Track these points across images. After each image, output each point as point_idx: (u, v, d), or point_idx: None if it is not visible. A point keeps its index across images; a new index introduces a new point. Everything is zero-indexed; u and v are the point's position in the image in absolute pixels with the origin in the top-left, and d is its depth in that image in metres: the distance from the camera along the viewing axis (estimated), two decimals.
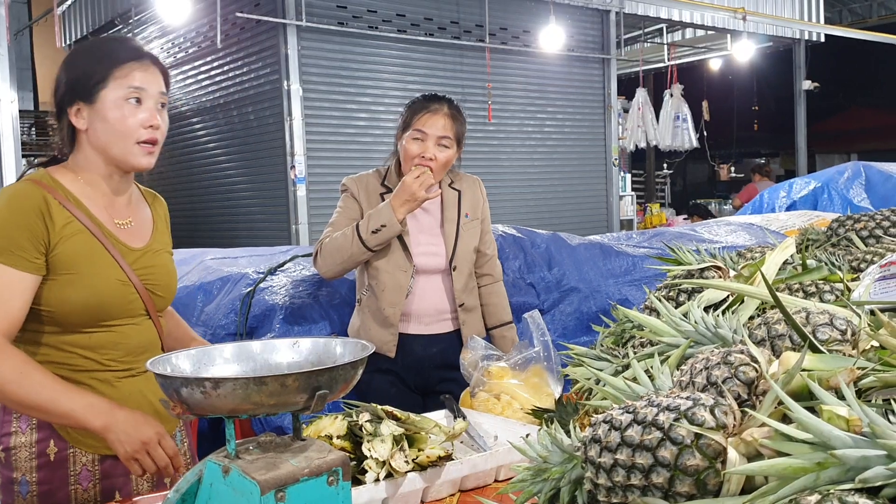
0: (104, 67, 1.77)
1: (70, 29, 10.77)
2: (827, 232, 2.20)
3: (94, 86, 1.77)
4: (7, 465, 1.80)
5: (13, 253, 1.69)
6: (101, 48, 1.85)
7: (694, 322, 1.30)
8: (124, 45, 1.86)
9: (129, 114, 1.77)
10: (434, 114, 2.65)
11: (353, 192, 2.74)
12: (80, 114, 1.79)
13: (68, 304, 1.75)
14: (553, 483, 1.10)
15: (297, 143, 7.39)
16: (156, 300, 1.90)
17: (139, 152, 1.80)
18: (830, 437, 0.79)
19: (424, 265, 2.70)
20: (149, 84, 1.80)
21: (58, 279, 1.74)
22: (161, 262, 1.94)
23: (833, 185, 5.84)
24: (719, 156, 16.33)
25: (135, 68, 1.79)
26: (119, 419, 1.71)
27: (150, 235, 1.94)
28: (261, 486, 1.08)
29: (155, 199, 2.07)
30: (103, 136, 1.79)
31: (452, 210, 2.76)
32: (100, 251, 1.79)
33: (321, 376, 1.14)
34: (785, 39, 12.44)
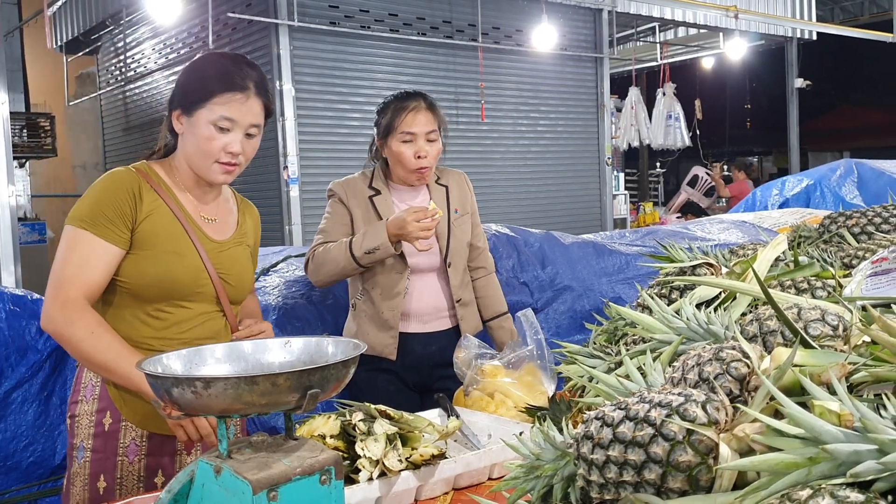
0: (209, 90, 1.92)
1: (61, 30, 10.73)
2: (819, 229, 2.20)
3: (194, 102, 1.93)
4: (71, 432, 1.97)
5: (103, 226, 1.87)
6: (217, 67, 1.97)
7: (686, 319, 1.30)
8: (238, 71, 1.96)
9: (214, 137, 1.93)
10: (416, 112, 2.66)
11: (340, 196, 2.73)
12: (180, 120, 1.98)
13: (145, 277, 1.91)
14: (546, 480, 1.10)
15: (289, 144, 7.38)
16: (228, 290, 2.03)
17: (217, 170, 1.97)
18: (822, 432, 0.79)
19: (419, 265, 2.69)
20: (242, 116, 1.94)
21: (139, 254, 1.91)
22: (238, 257, 2.09)
23: (825, 183, 5.86)
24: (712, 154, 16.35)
25: (234, 99, 1.93)
26: None
27: (233, 232, 2.11)
28: (253, 486, 1.07)
29: (247, 206, 2.26)
30: (190, 148, 1.97)
31: (442, 207, 2.75)
32: (181, 234, 1.95)
33: (313, 375, 1.13)
34: (777, 37, 12.47)
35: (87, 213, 1.87)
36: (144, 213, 1.91)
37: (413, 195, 2.77)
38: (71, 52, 11.07)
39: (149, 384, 1.15)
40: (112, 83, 10.35)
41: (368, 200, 2.70)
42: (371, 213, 2.69)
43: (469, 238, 2.81)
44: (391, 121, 2.67)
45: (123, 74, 10.07)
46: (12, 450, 2.70)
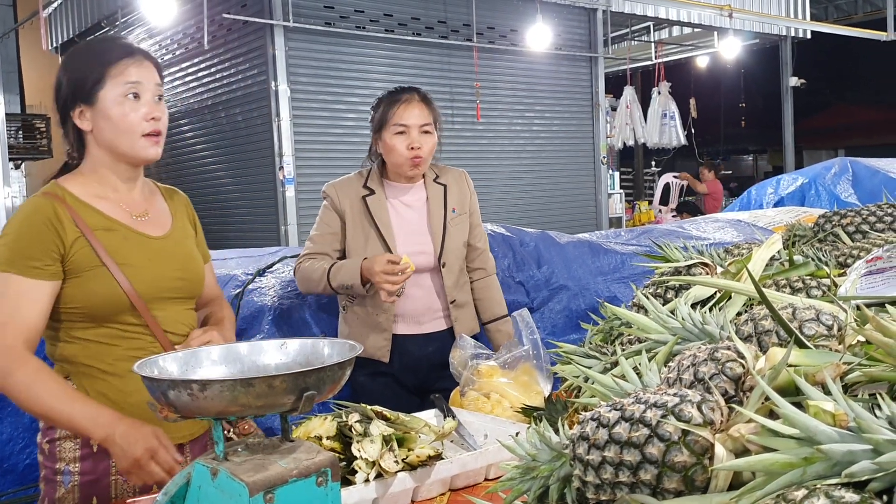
0: (99, 68, 1.83)
1: (56, 32, 10.71)
2: (814, 228, 2.20)
3: (92, 87, 1.83)
4: (51, 456, 1.86)
5: (29, 265, 1.77)
6: (93, 50, 1.91)
7: (681, 319, 1.30)
8: (116, 44, 1.92)
9: (129, 109, 1.84)
10: (409, 104, 2.63)
11: (332, 198, 2.71)
12: (84, 115, 1.86)
13: (95, 296, 1.82)
14: (542, 481, 1.10)
15: (285, 144, 7.37)
16: (182, 286, 1.96)
17: (145, 144, 1.87)
18: (817, 432, 0.79)
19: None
20: (144, 78, 1.86)
21: (82, 275, 1.82)
22: (185, 249, 2.01)
23: (820, 181, 5.87)
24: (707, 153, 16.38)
25: (129, 65, 1.85)
26: (117, 433, 1.74)
27: (170, 224, 2.01)
28: (249, 488, 1.07)
29: (173, 193, 2.13)
30: (109, 134, 1.85)
31: (438, 206, 2.72)
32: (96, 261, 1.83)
33: (309, 377, 1.13)
34: (771, 36, 12.50)
35: (7, 254, 1.77)
36: (71, 241, 1.81)
37: (409, 192, 2.72)
38: (66, 53, 11.03)
39: (146, 386, 1.15)
40: None
41: (361, 200, 2.67)
42: (364, 214, 2.66)
43: (465, 238, 2.76)
44: (384, 114, 2.65)
45: None
46: (8, 452, 2.70)
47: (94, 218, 1.85)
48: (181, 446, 1.94)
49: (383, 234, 2.63)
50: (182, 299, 1.97)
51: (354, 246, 2.66)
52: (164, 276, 1.91)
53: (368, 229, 2.65)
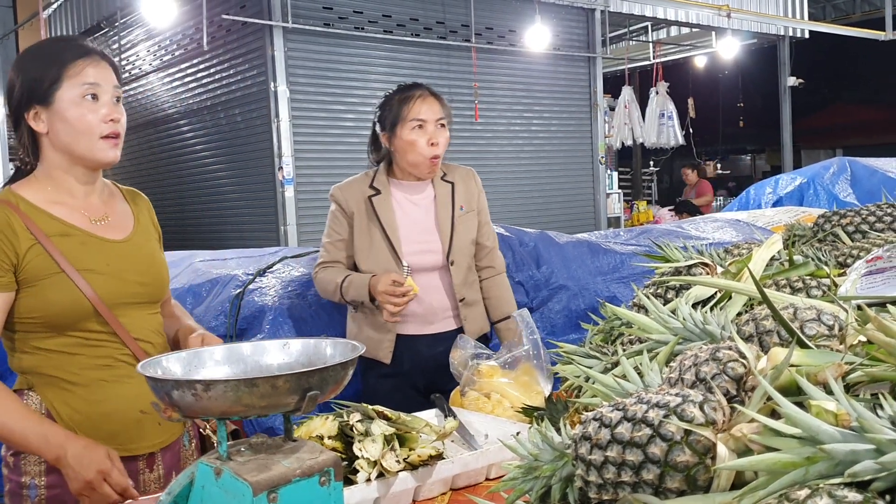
0: (56, 68, 1.77)
1: (56, 32, 10.70)
2: (813, 228, 2.21)
3: (48, 87, 1.77)
4: (16, 469, 1.81)
5: None
6: (49, 49, 1.84)
7: (682, 319, 1.30)
8: (72, 44, 1.85)
9: (87, 111, 1.78)
10: (423, 99, 2.61)
11: (339, 202, 2.69)
12: (39, 117, 1.79)
13: (56, 305, 1.76)
14: (544, 481, 1.11)
15: (284, 145, 7.37)
16: (145, 290, 1.89)
17: (104, 147, 1.81)
18: (819, 431, 0.80)
19: (418, 263, 2.64)
20: (102, 79, 1.80)
21: (38, 284, 1.76)
22: (147, 253, 1.94)
23: (819, 181, 5.87)
24: (705, 153, 16.40)
25: (87, 65, 1.79)
26: (69, 453, 1.71)
27: (132, 227, 1.94)
28: (253, 488, 1.08)
29: (135, 195, 2.06)
30: (66, 136, 1.79)
31: (446, 204, 2.71)
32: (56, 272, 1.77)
33: (312, 377, 1.14)
34: (769, 36, 12.51)
35: None
36: (25, 249, 1.75)
37: (417, 190, 2.71)
38: None
39: (149, 387, 1.15)
40: None
41: (367, 200, 2.66)
42: (370, 215, 2.65)
43: (474, 236, 2.75)
44: (398, 110, 2.60)
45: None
46: None
47: (50, 224, 1.79)
48: (152, 455, 1.91)
49: (388, 235, 2.62)
50: (146, 304, 1.91)
51: (360, 247, 2.66)
52: (125, 280, 1.85)
53: (375, 230, 2.64)
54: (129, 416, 1.84)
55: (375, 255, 2.63)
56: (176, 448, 1.98)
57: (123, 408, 1.84)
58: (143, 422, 1.86)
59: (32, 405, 1.81)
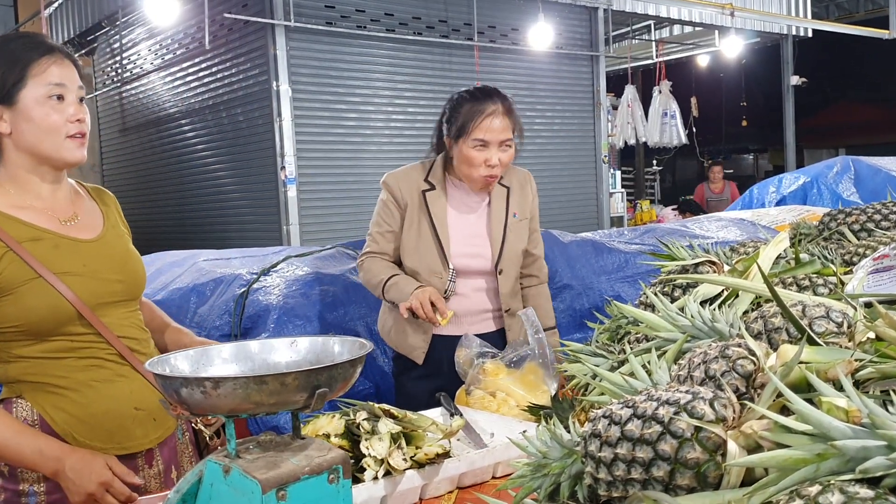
0: (20, 67, 1.73)
1: (57, 31, 10.71)
2: (819, 226, 2.21)
3: (11, 87, 1.73)
4: (12, 478, 1.79)
5: None
6: (11, 47, 1.77)
7: (690, 316, 1.30)
8: (35, 41, 1.79)
9: (53, 110, 1.74)
10: (493, 117, 2.48)
11: (394, 191, 2.58)
12: (1, 117, 1.75)
13: (35, 311, 1.73)
14: (553, 478, 1.11)
15: (286, 144, 7.38)
16: (121, 288, 1.87)
17: (71, 146, 1.78)
18: (830, 428, 0.80)
19: (465, 266, 2.58)
20: (68, 79, 1.77)
21: (15, 292, 1.72)
22: (121, 250, 1.91)
23: (822, 180, 5.87)
24: (708, 152, 16.38)
25: (51, 63, 1.75)
26: (66, 467, 1.69)
27: (102, 226, 1.91)
28: (262, 485, 1.08)
29: (101, 193, 2.02)
30: (31, 136, 1.75)
31: (500, 209, 2.61)
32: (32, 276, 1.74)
33: (321, 375, 1.14)
34: (773, 35, 12.49)
35: None
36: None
37: (469, 201, 2.63)
38: None
39: (158, 384, 1.15)
40: (108, 84, 10.33)
41: (421, 195, 2.56)
42: (422, 209, 2.56)
43: (524, 245, 2.65)
44: (465, 122, 2.49)
45: (120, 76, 10.07)
46: None
47: (19, 229, 1.74)
48: (150, 451, 1.91)
49: (439, 234, 2.54)
50: (125, 301, 1.89)
51: (407, 242, 2.57)
52: (103, 280, 1.82)
53: (424, 227, 2.56)
54: (124, 415, 1.83)
55: (422, 253, 2.55)
56: (172, 443, 1.97)
57: (117, 407, 1.83)
58: (139, 419, 1.85)
59: (24, 413, 1.78)
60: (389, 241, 2.59)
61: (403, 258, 2.59)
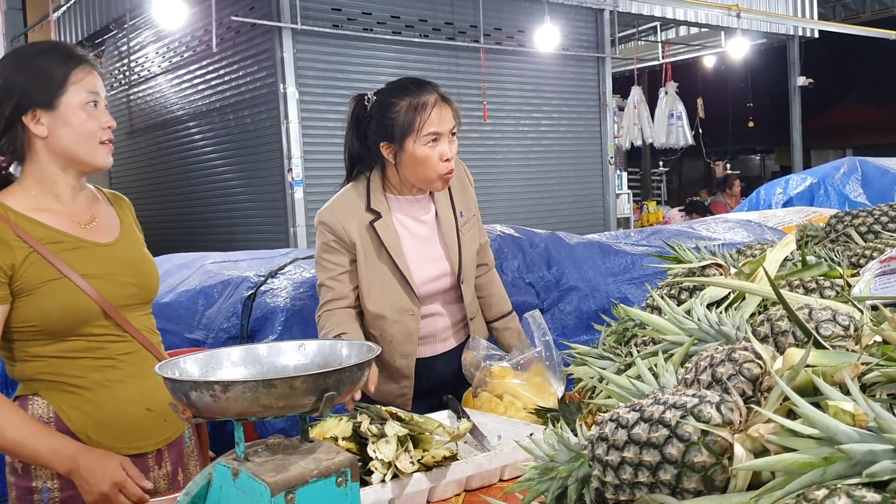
0: (61, 73, 1.81)
1: (65, 34, 10.75)
2: (825, 228, 2.20)
3: (53, 92, 1.80)
4: (25, 475, 1.82)
5: None
6: (49, 55, 1.84)
7: (697, 319, 1.30)
8: (70, 51, 1.88)
9: (89, 117, 1.83)
10: (439, 108, 2.28)
11: (337, 232, 2.33)
12: (39, 120, 1.80)
13: (55, 311, 1.78)
14: (560, 482, 1.11)
15: (293, 146, 7.39)
16: (135, 291, 1.91)
17: (103, 152, 1.87)
18: (837, 432, 0.80)
19: (431, 291, 2.41)
20: (100, 88, 1.88)
21: (35, 292, 1.77)
22: (136, 255, 1.97)
23: (829, 181, 5.86)
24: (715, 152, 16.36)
25: (88, 73, 1.85)
26: (81, 466, 1.72)
27: (118, 230, 1.97)
28: (271, 488, 1.09)
29: (118, 199, 2.08)
30: (67, 140, 1.82)
31: (448, 214, 2.44)
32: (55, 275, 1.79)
33: (329, 378, 1.14)
34: (779, 36, 12.48)
35: None
36: (20, 259, 1.75)
37: (419, 207, 2.43)
38: None
39: (167, 388, 1.16)
40: (116, 87, 10.37)
41: (369, 228, 2.32)
42: (375, 245, 2.33)
43: (477, 245, 2.51)
44: (409, 120, 2.26)
45: (127, 78, 10.10)
46: None
47: (40, 232, 1.80)
48: (160, 451, 1.94)
49: (400, 268, 2.33)
50: (140, 305, 1.94)
51: (369, 286, 2.34)
52: (119, 282, 1.87)
53: (382, 266, 2.33)
54: (136, 415, 1.87)
55: (387, 295, 2.34)
56: (179, 444, 2.01)
57: (129, 407, 1.87)
58: (150, 419, 1.89)
59: (40, 410, 1.82)
60: (346, 283, 2.34)
61: (366, 303, 2.34)
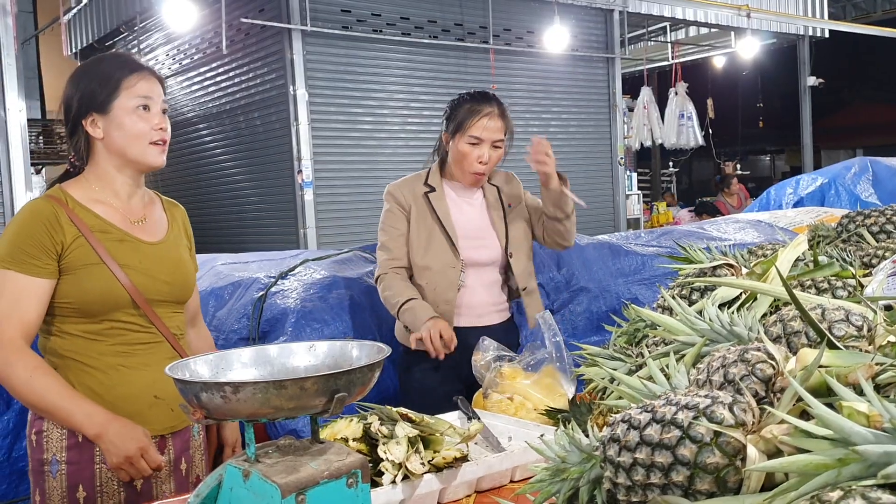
0: (114, 80, 1.98)
1: (76, 37, 10.80)
2: (837, 228, 2.19)
3: (106, 97, 1.98)
4: (38, 447, 1.95)
5: (26, 262, 1.90)
6: (107, 64, 2.04)
7: (709, 320, 1.30)
8: (128, 60, 2.06)
9: (140, 119, 2.00)
10: (489, 118, 2.72)
11: (398, 198, 2.77)
12: (96, 124, 1.99)
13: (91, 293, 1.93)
14: (572, 483, 1.11)
15: (303, 148, 7.40)
16: (167, 290, 2.05)
17: (154, 151, 2.03)
18: (851, 433, 0.79)
19: (475, 258, 2.75)
20: (153, 93, 2.03)
21: (77, 272, 1.93)
22: (175, 256, 2.11)
23: (840, 181, 5.83)
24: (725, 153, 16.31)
25: (140, 79, 2.01)
26: (111, 431, 1.88)
27: (165, 232, 2.13)
28: (281, 490, 1.08)
29: (173, 206, 2.25)
30: (120, 141, 1.99)
31: (496, 204, 2.83)
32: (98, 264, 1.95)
33: (339, 379, 1.14)
34: (789, 36, 12.42)
35: (7, 252, 1.90)
36: (69, 240, 1.93)
37: (468, 192, 2.83)
38: (85, 59, 11.12)
39: (177, 389, 1.16)
40: None
41: (424, 197, 2.76)
42: (426, 210, 2.75)
43: (528, 227, 2.87)
44: (462, 120, 2.72)
45: None
46: None
47: (92, 220, 1.97)
48: (163, 437, 2.04)
49: (447, 229, 2.71)
50: (171, 303, 2.08)
51: (417, 242, 2.73)
52: (154, 278, 2.02)
53: (432, 225, 2.73)
54: (143, 401, 1.99)
55: (434, 250, 2.71)
56: (186, 436, 2.10)
57: (137, 392, 1.99)
58: (157, 406, 2.00)
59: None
60: (402, 245, 2.75)
61: (415, 258, 2.73)
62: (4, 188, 5.59)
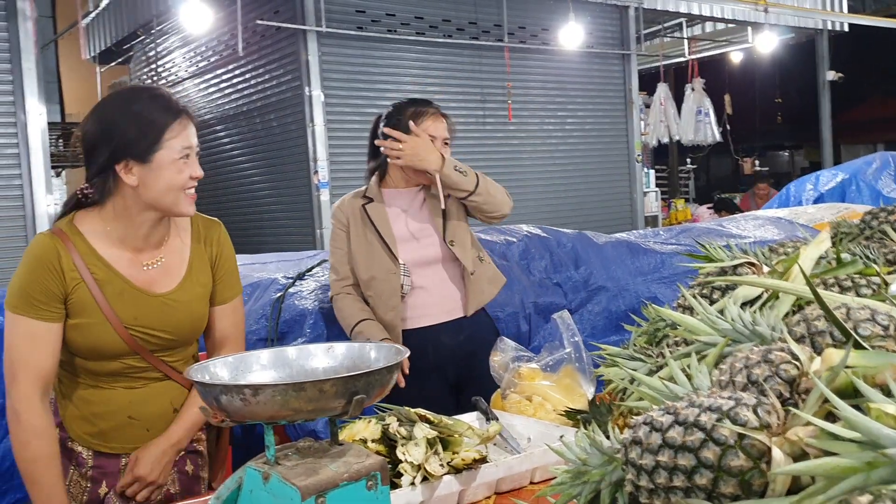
0: (157, 129, 1.86)
1: (94, 41, 10.88)
2: (860, 224, 2.16)
3: (148, 147, 1.85)
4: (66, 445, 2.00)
5: (37, 307, 1.86)
6: (145, 107, 1.88)
7: (731, 320, 1.28)
8: (169, 103, 1.92)
9: (179, 171, 1.89)
10: (435, 118, 2.74)
11: (338, 217, 2.79)
12: (131, 171, 1.87)
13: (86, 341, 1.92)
14: (593, 486, 1.09)
15: (319, 149, 7.42)
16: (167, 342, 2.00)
17: (187, 202, 1.93)
18: (880, 435, 0.78)
19: (417, 259, 2.71)
20: (193, 141, 1.92)
21: (75, 319, 1.91)
22: (185, 305, 2.02)
23: (861, 177, 5.77)
24: (743, 149, 16.19)
25: (182, 127, 1.90)
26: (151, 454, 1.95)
27: (182, 277, 2.02)
28: (301, 492, 1.08)
29: (209, 228, 2.13)
30: (155, 192, 1.89)
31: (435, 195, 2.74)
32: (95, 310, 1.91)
33: (358, 381, 1.14)
34: (807, 30, 12.30)
35: (18, 297, 1.87)
36: (70, 286, 1.89)
37: (409, 197, 2.78)
38: (104, 63, 11.23)
39: (198, 391, 1.16)
40: None
41: (361, 210, 2.74)
42: (365, 222, 2.72)
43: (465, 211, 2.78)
44: (412, 121, 2.70)
45: (155, 83, 10.20)
46: None
47: (95, 266, 1.91)
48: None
49: (383, 236, 2.69)
50: (171, 349, 2.03)
51: (359, 256, 2.71)
52: (154, 331, 1.96)
53: (370, 234, 2.71)
54: (117, 420, 1.99)
55: (375, 260, 2.69)
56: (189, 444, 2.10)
57: (112, 411, 1.98)
58: (131, 427, 2.00)
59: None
60: (346, 262, 2.74)
61: (359, 271, 2.72)
62: (25, 191, 5.64)
